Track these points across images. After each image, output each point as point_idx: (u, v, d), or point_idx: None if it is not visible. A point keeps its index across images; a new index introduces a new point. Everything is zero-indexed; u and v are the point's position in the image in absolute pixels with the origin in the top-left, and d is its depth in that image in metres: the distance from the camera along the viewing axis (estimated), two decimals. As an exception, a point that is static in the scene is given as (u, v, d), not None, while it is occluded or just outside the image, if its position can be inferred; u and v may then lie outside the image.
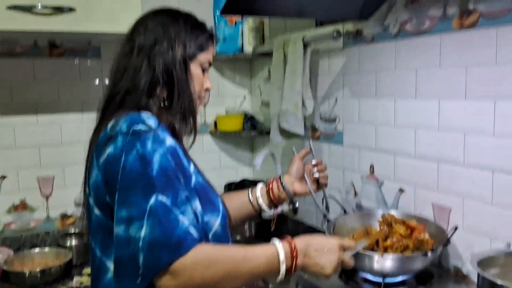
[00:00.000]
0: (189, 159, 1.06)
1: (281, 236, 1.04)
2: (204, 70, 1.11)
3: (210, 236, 1.02)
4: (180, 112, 1.05)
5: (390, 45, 1.63)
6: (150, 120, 0.98)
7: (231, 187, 2.43)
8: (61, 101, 2.12)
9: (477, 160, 1.36)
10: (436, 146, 1.49)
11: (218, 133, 2.43)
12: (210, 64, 1.13)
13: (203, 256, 0.92)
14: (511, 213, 1.27)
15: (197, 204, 0.99)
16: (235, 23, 2.33)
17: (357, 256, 1.30)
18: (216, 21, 2.32)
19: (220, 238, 1.06)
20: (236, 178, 2.50)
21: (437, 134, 1.48)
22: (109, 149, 0.96)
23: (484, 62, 1.31)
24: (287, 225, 2.23)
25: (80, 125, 2.12)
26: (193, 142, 1.10)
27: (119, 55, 1.10)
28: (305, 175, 1.37)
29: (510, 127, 1.26)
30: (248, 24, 2.29)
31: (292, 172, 1.38)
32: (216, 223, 1.04)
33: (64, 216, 2.15)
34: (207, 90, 1.14)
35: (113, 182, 0.94)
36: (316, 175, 1.38)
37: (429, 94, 1.50)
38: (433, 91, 1.48)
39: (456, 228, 1.30)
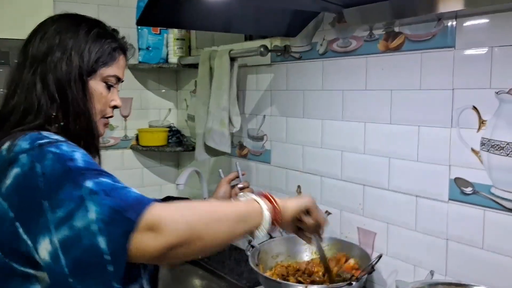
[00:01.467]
0: None
1: (206, 257, 0.96)
2: (110, 86, 0.99)
3: None
4: (77, 134, 0.93)
5: (318, 64, 1.59)
6: (53, 135, 0.86)
7: (154, 205, 2.30)
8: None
9: (401, 185, 1.34)
10: (361, 169, 1.46)
11: (140, 148, 2.29)
12: (119, 79, 1.01)
13: (174, 204, 0.81)
14: (433, 239, 1.25)
15: None
16: (160, 31, 2.21)
17: (280, 286, 1.25)
18: (139, 28, 2.19)
19: None
20: (160, 195, 2.35)
21: (363, 157, 1.45)
22: (14, 171, 0.81)
23: (408, 86, 1.30)
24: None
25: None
26: (99, 164, 0.97)
27: (13, 66, 0.97)
28: (232, 200, 1.31)
29: (433, 152, 1.25)
30: (173, 33, 2.18)
31: (218, 196, 1.33)
32: None
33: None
34: (115, 107, 1.02)
35: (33, 199, 0.79)
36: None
37: (355, 116, 1.47)
38: (359, 114, 1.45)
39: (380, 256, 1.26)
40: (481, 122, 1.13)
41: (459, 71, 1.18)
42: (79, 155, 0.83)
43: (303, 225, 1.07)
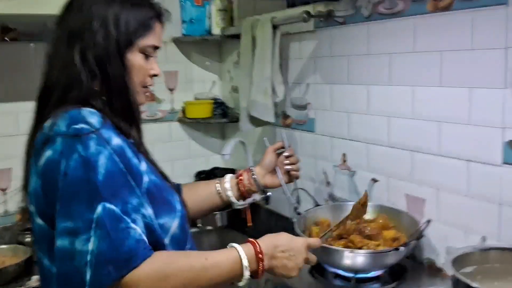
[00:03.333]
0: (141, 156, 0.96)
1: (253, 226, 0.98)
2: (148, 56, 0.99)
3: (167, 240, 0.94)
4: (119, 109, 0.94)
5: (363, 28, 1.54)
6: (92, 117, 0.87)
7: (201, 176, 2.35)
8: (17, 89, 1.98)
9: (452, 150, 1.30)
10: (410, 135, 1.42)
11: (187, 121, 2.33)
12: (156, 48, 1.00)
13: (158, 268, 0.84)
14: (486, 205, 1.22)
15: (149, 209, 0.90)
16: (203, 3, 2.21)
17: (327, 252, 1.26)
18: (182, 0, 2.20)
19: (179, 241, 0.98)
20: (207, 166, 2.41)
21: (411, 122, 1.41)
22: (48, 153, 0.85)
23: (459, 47, 1.25)
24: (259, 215, 2.16)
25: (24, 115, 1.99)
26: (140, 139, 0.99)
27: (52, 40, 0.97)
28: (277, 168, 1.32)
29: (485, 115, 1.20)
30: (215, 4, 2.18)
31: (264, 164, 1.32)
32: (173, 225, 0.96)
33: (24, 210, 2.04)
34: (154, 76, 1.02)
35: (53, 191, 0.84)
36: (288, 167, 1.33)
37: (403, 80, 1.43)
38: (407, 78, 1.41)
39: (429, 222, 1.24)
40: (538, 81, 1.07)
41: (513, 28, 1.12)
42: (103, 161, 0.84)
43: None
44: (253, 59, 1.90)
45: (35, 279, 1.69)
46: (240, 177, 1.29)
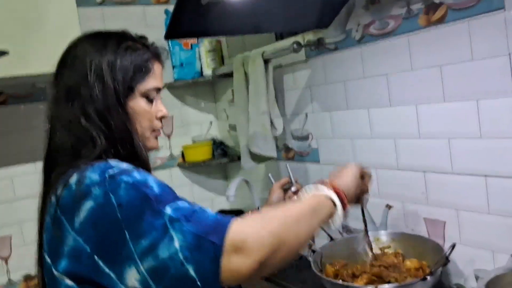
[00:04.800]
0: None
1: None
2: (152, 99, 0.93)
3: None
4: (127, 158, 0.88)
5: (355, 51, 1.50)
6: (121, 163, 0.82)
7: (208, 220, 2.27)
8: (9, 153, 1.93)
9: (466, 166, 1.23)
10: (419, 155, 1.36)
11: (187, 165, 2.27)
12: (158, 90, 0.95)
13: (250, 217, 0.79)
14: (510, 221, 1.14)
15: None
16: (191, 46, 2.19)
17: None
18: (171, 46, 2.18)
19: None
20: (212, 209, 2.33)
21: (418, 142, 1.35)
22: (88, 204, 0.78)
23: (459, 59, 1.20)
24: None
25: (34, 176, 1.92)
26: None
27: (50, 99, 0.92)
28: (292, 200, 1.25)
29: (496, 126, 1.14)
30: (204, 46, 2.16)
31: (271, 203, 1.28)
32: None
33: (28, 278, 1.96)
34: (163, 118, 0.97)
35: (112, 231, 0.76)
36: None
37: (404, 100, 1.37)
38: (408, 96, 1.36)
39: (454, 246, 1.16)
40: (549, 84, 1.02)
41: (514, 33, 1.07)
42: (153, 180, 0.80)
43: (364, 192, 1.08)
44: (247, 95, 1.86)
45: None
46: None
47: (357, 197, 1.05)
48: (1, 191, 1.91)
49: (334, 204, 0.91)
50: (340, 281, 1.23)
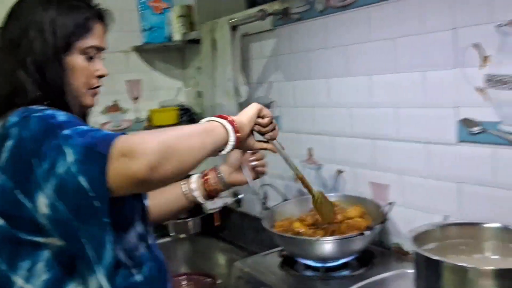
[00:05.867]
0: None
1: (225, 230, 0.99)
2: (91, 57, 0.99)
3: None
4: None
5: (319, 22, 1.57)
6: (40, 107, 0.89)
7: (171, 183, 2.33)
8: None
9: (410, 134, 1.32)
10: (370, 123, 1.45)
11: (154, 129, 2.31)
12: (99, 49, 1.00)
13: (140, 132, 0.86)
14: (445, 184, 1.24)
15: None
16: (162, 10, 2.21)
17: (294, 241, 1.26)
18: (141, 10, 2.20)
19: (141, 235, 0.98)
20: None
21: (370, 111, 1.44)
22: (8, 144, 0.85)
23: (410, 32, 1.28)
24: (231, 218, 2.15)
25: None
26: None
27: None
28: (243, 165, 1.31)
29: (438, 96, 1.23)
30: (175, 11, 2.19)
31: (229, 162, 1.32)
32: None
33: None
34: (101, 77, 1.02)
35: (25, 162, 0.83)
36: (254, 163, 1.33)
37: (360, 70, 1.45)
38: (364, 67, 1.44)
39: (391, 203, 1.26)
40: (484, 59, 1.11)
41: (458, 9, 1.15)
42: (62, 113, 0.87)
43: (260, 130, 1.11)
44: (214, 62, 1.91)
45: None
46: (206, 177, 1.28)
47: (269, 130, 1.13)
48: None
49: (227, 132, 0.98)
50: (287, 234, 1.31)
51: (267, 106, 1.88)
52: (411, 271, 1.00)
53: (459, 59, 1.17)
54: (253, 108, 1.08)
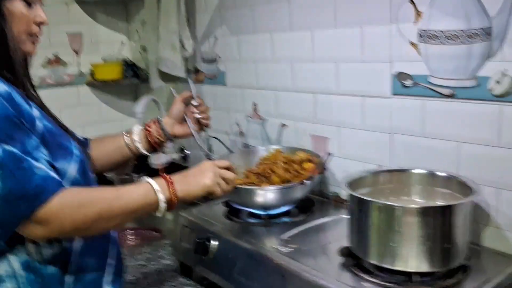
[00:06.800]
0: (32, 103, 0.94)
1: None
2: (30, 4, 0.96)
3: (67, 184, 0.93)
4: (2, 61, 0.92)
5: (263, -25, 1.57)
6: None
7: (116, 139, 2.30)
8: None
9: (348, 88, 1.38)
10: (311, 78, 1.49)
11: (96, 84, 2.26)
12: None
13: (71, 199, 0.85)
14: (379, 135, 1.32)
15: (45, 151, 0.89)
16: (103, -40, 2.13)
17: (238, 191, 1.30)
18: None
19: (81, 186, 0.97)
20: (121, 129, 2.35)
21: (311, 65, 1.48)
22: None
23: (350, -12, 1.32)
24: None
25: None
26: (29, 86, 0.97)
27: None
28: (186, 117, 1.32)
29: (375, 51, 1.29)
30: (117, -39, 2.11)
31: (172, 114, 1.32)
32: (70, 169, 0.94)
33: None
34: (41, 24, 0.99)
35: None
36: (197, 115, 1.34)
37: (302, 25, 1.48)
38: (306, 22, 1.47)
39: (329, 154, 1.32)
40: (418, 14, 1.17)
41: (396, -34, 1.20)
42: None
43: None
44: (158, 15, 1.88)
45: None
46: (148, 128, 1.28)
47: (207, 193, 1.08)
48: None
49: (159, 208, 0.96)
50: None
51: (212, 60, 1.88)
52: (347, 216, 1.07)
53: (394, 15, 1.22)
54: (206, 187, 1.05)
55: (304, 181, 1.29)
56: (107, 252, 1.03)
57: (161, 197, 0.95)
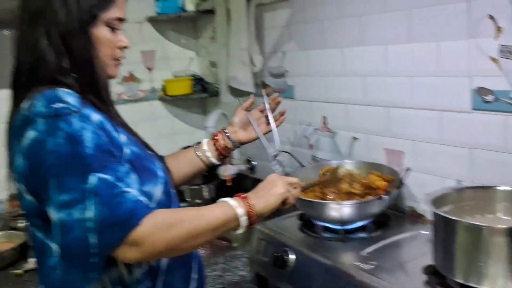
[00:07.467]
0: (119, 129, 0.99)
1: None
2: (114, 29, 1.00)
3: (153, 205, 0.98)
4: (87, 83, 0.96)
5: (334, -8, 1.60)
6: (68, 96, 0.89)
7: (186, 151, 2.39)
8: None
9: (424, 102, 1.38)
10: (384, 91, 1.50)
11: (168, 98, 2.36)
12: (121, 20, 1.01)
13: (161, 221, 0.90)
14: (458, 151, 1.30)
15: (134, 177, 0.94)
16: (175, -20, 2.23)
17: (315, 205, 1.33)
18: (154, -20, 2.21)
19: (165, 207, 1.02)
20: (191, 142, 2.44)
21: (384, 79, 1.48)
22: (30, 134, 0.87)
23: (425, 3, 1.31)
24: (245, 184, 2.22)
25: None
26: (112, 112, 1.01)
27: (16, 24, 0.98)
28: (252, 120, 1.35)
29: (453, 65, 1.28)
30: (187, -20, 2.20)
31: (234, 122, 1.37)
32: (157, 192, 1.00)
33: (13, 197, 2.06)
34: (124, 48, 1.04)
35: (42, 170, 0.86)
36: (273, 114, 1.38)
37: (375, 40, 1.49)
38: (379, 36, 1.47)
39: (407, 170, 1.32)
40: (498, 29, 1.15)
41: (475, -19, 1.18)
42: (89, 136, 0.87)
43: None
44: (229, 32, 1.94)
45: (31, 262, 1.72)
46: (215, 138, 1.34)
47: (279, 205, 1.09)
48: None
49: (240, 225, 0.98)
50: (309, 198, 1.38)
51: (281, 75, 1.92)
52: (425, 232, 1.07)
53: (473, 30, 1.21)
54: (278, 198, 1.06)
55: (382, 196, 1.30)
56: (190, 267, 1.08)
57: (239, 211, 0.98)
